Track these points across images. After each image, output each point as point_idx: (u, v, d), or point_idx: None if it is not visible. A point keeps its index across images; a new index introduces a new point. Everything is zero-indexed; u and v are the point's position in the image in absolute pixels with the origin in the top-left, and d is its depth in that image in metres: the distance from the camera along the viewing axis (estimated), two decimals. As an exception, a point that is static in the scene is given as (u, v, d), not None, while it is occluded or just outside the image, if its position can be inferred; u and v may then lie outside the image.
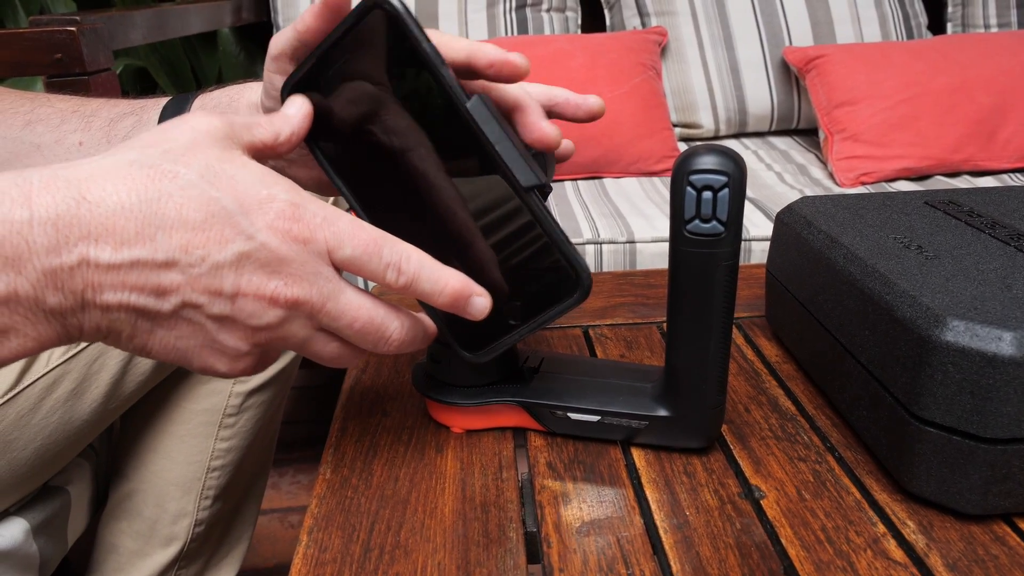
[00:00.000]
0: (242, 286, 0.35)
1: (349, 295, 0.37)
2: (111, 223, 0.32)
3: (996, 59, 1.57)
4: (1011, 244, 0.50)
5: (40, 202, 0.31)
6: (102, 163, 0.34)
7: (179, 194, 0.33)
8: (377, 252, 0.37)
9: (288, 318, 0.36)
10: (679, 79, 1.77)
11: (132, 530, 0.78)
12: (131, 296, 0.33)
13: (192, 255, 0.34)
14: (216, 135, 0.36)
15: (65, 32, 1.07)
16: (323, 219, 0.36)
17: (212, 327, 0.36)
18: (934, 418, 0.41)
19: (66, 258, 0.32)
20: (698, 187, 0.41)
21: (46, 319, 0.32)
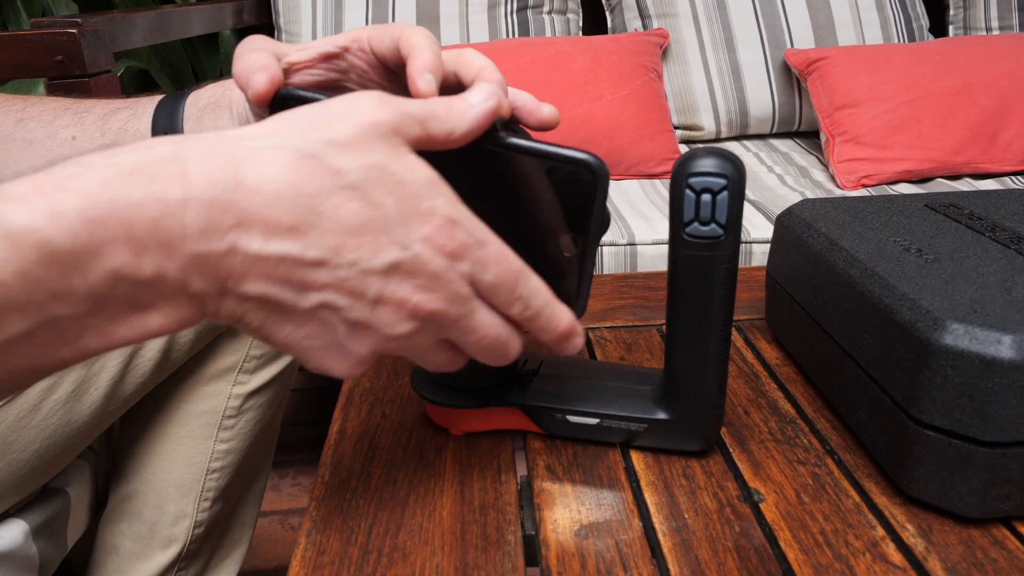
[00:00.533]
0: (386, 295, 0.34)
1: (483, 314, 0.37)
2: (265, 213, 0.31)
3: (998, 62, 1.57)
4: (1011, 247, 0.50)
5: (196, 182, 0.30)
6: (262, 143, 0.32)
7: (339, 194, 0.32)
8: (514, 284, 0.37)
9: (420, 330, 0.36)
10: (680, 81, 1.77)
11: (132, 531, 0.78)
12: (272, 288, 0.32)
13: (343, 257, 0.33)
14: (383, 130, 0.34)
15: (66, 34, 1.07)
16: (475, 241, 0.35)
17: (344, 330, 0.35)
18: (933, 421, 0.41)
19: (216, 245, 0.31)
20: (697, 190, 0.41)
21: (187, 302, 0.32)
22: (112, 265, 0.29)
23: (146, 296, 0.31)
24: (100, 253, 0.29)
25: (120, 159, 0.30)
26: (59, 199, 0.28)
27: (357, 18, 1.73)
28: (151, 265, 0.30)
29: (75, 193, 0.28)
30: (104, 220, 0.28)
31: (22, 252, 0.27)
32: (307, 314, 0.34)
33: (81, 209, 0.28)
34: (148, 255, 0.30)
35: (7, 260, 0.27)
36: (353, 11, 1.73)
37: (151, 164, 0.30)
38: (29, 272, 0.27)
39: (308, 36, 1.74)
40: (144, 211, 0.29)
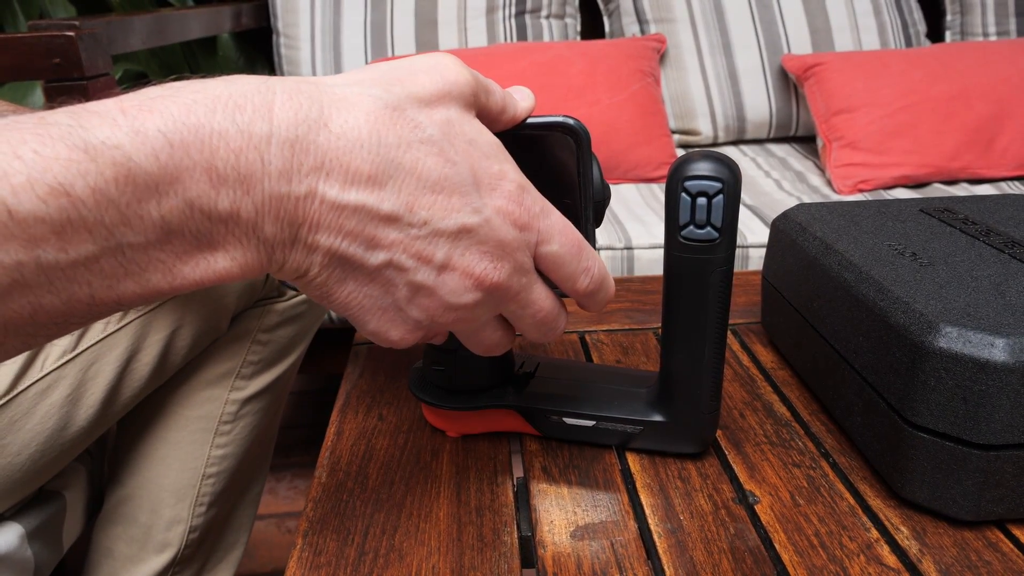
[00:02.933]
0: (454, 259, 0.33)
1: (540, 288, 0.37)
2: (347, 159, 0.31)
3: (994, 67, 1.58)
4: (1005, 252, 0.50)
5: (282, 117, 0.30)
6: (347, 90, 0.32)
7: (418, 147, 0.32)
8: (579, 254, 0.37)
9: (482, 302, 0.35)
10: (678, 86, 1.77)
11: (127, 535, 0.78)
12: (343, 242, 0.32)
13: (416, 215, 0.32)
14: (463, 90, 0.34)
15: (64, 37, 1.07)
16: (541, 209, 0.36)
17: (406, 293, 0.34)
18: (927, 424, 0.41)
19: (296, 187, 0.30)
20: (692, 193, 0.41)
21: (257, 246, 0.31)
22: (189, 195, 0.28)
23: (218, 234, 0.30)
24: (179, 179, 0.28)
25: (208, 86, 0.29)
26: (143, 118, 0.27)
27: (355, 22, 1.73)
28: (228, 200, 0.29)
29: (160, 114, 0.28)
30: (186, 145, 0.28)
31: (99, 168, 0.26)
32: (372, 273, 0.33)
33: (165, 131, 0.27)
34: (226, 189, 0.29)
35: (83, 175, 0.26)
36: (351, 15, 1.74)
37: (238, 94, 0.29)
38: (104, 190, 0.26)
39: (306, 40, 1.74)
40: (227, 141, 0.28)
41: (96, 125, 0.27)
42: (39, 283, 0.27)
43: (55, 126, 0.26)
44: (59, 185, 0.25)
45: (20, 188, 0.25)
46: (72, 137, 0.26)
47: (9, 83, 1.62)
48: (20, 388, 0.62)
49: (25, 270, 0.26)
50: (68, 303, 0.28)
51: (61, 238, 0.26)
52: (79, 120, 0.27)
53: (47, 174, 0.25)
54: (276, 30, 1.77)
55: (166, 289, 0.30)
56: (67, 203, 0.26)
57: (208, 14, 1.60)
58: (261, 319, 0.80)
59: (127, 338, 0.68)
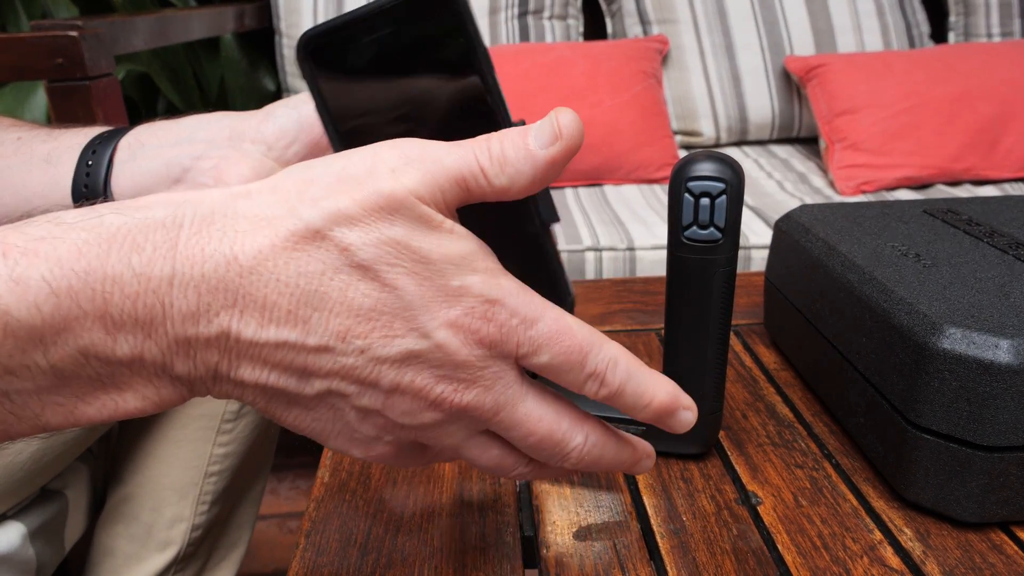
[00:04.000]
0: (402, 384, 0.29)
1: (529, 405, 0.31)
2: (261, 294, 0.27)
3: (998, 68, 1.58)
4: (1009, 253, 0.50)
5: (186, 254, 0.27)
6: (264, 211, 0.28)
7: (347, 273, 0.28)
8: (581, 361, 0.31)
9: (447, 421, 0.31)
10: (680, 87, 1.77)
11: (128, 534, 0.78)
12: (271, 375, 0.29)
13: (350, 344, 0.28)
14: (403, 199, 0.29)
15: (67, 37, 1.07)
16: (520, 321, 0.30)
17: (354, 417, 0.31)
18: (931, 425, 0.41)
19: (204, 329, 0.27)
20: (696, 194, 0.41)
21: (171, 383, 0.28)
22: (81, 343, 0.26)
23: (121, 376, 0.27)
24: (68, 328, 0.25)
25: (104, 221, 0.27)
26: (25, 263, 0.25)
27: (358, 23, 1.73)
28: (127, 345, 0.27)
29: (45, 259, 0.25)
30: (74, 293, 0.25)
31: None
32: (313, 400, 0.30)
33: (50, 279, 0.25)
34: (124, 334, 0.26)
35: None
36: (354, 16, 1.74)
37: (138, 230, 0.27)
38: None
39: (309, 40, 1.74)
40: (122, 287, 0.26)
41: None
42: None
43: None
44: None
45: None
46: None
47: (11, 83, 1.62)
48: (22, 387, 0.62)
49: None
50: None
51: None
52: None
53: None
54: (278, 31, 1.77)
55: (68, 426, 0.28)
56: None
57: (211, 15, 1.60)
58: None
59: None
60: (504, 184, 0.30)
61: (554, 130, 0.31)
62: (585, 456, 0.33)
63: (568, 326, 0.31)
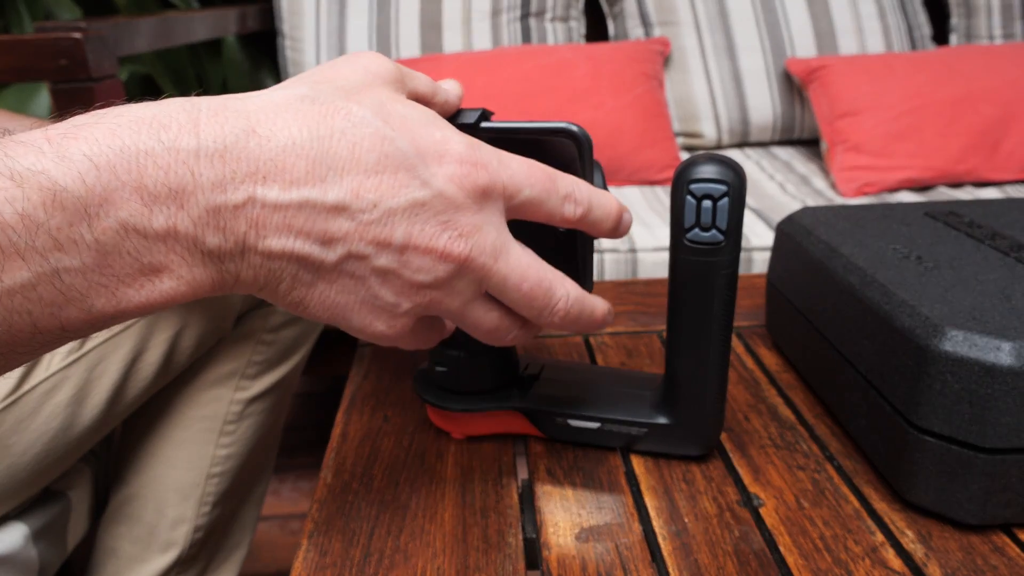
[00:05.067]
0: (413, 237, 0.33)
1: (518, 251, 0.36)
2: (281, 160, 0.30)
3: (1000, 70, 1.58)
4: (1011, 255, 0.50)
5: (208, 131, 0.30)
6: (272, 96, 0.32)
7: (352, 131, 0.32)
8: (554, 187, 0.36)
9: (455, 275, 0.34)
10: (682, 89, 1.77)
11: (131, 535, 0.78)
12: (296, 242, 0.31)
13: (363, 200, 0.32)
14: (387, 77, 0.35)
15: (70, 39, 1.07)
16: (499, 162, 0.35)
17: (374, 281, 0.34)
18: (933, 427, 0.41)
19: (232, 195, 0.30)
20: (698, 196, 0.41)
21: (203, 261, 0.30)
22: (121, 215, 0.28)
23: (158, 253, 0.29)
24: (108, 200, 0.28)
25: (133, 109, 0.30)
26: (67, 144, 0.27)
27: (360, 25, 1.74)
28: (162, 217, 0.29)
29: (84, 140, 0.28)
30: (113, 167, 0.28)
31: (26, 193, 0.26)
32: (335, 268, 0.33)
33: (90, 154, 0.27)
34: (159, 206, 0.29)
35: (10, 200, 0.26)
36: (356, 18, 1.74)
37: (162, 115, 0.29)
38: (32, 215, 0.26)
39: (311, 42, 1.74)
40: (154, 159, 0.28)
41: (21, 154, 0.27)
42: None
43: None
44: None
45: None
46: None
47: (15, 84, 1.63)
48: (26, 388, 0.62)
49: None
50: (9, 332, 0.27)
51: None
52: (5, 150, 0.27)
53: None
54: (281, 33, 1.78)
55: (112, 313, 0.29)
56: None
57: (213, 17, 1.60)
58: (266, 319, 0.80)
59: (132, 338, 0.68)
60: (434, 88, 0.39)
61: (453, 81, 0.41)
62: (571, 309, 0.38)
63: (531, 162, 0.36)
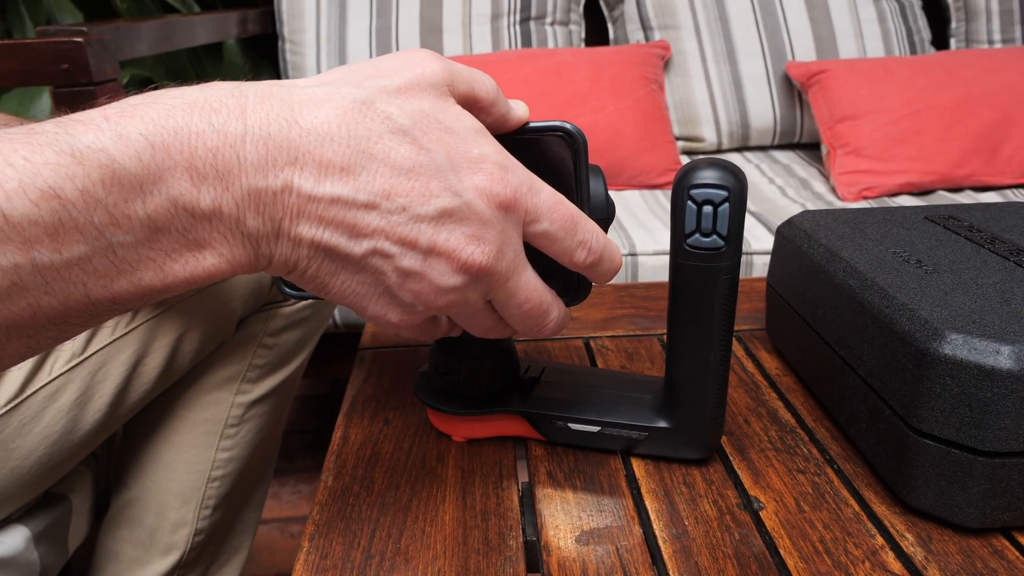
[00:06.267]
0: (438, 243, 0.34)
1: (528, 274, 0.37)
2: (319, 152, 0.32)
3: (1000, 75, 1.58)
4: (1010, 259, 0.50)
5: (254, 118, 0.31)
6: (316, 90, 0.33)
7: (389, 137, 0.33)
8: (573, 229, 0.37)
9: (471, 283, 0.36)
10: (682, 93, 1.78)
11: (132, 538, 0.78)
12: (325, 232, 0.33)
13: (394, 202, 0.33)
14: (435, 80, 0.35)
15: (72, 43, 1.08)
16: (528, 188, 0.36)
17: (396, 279, 0.35)
18: (932, 431, 0.41)
19: (272, 181, 0.31)
20: (699, 201, 0.41)
21: (242, 241, 0.32)
22: (172, 192, 0.29)
23: (203, 230, 0.31)
24: (161, 179, 0.29)
25: (185, 93, 0.31)
26: (125, 123, 0.29)
27: (361, 28, 1.74)
28: (209, 196, 0.30)
29: (141, 119, 0.29)
30: (167, 146, 0.29)
31: (86, 170, 0.27)
32: (359, 262, 0.34)
33: (146, 133, 0.29)
34: (207, 186, 0.30)
35: (71, 177, 0.27)
36: (357, 22, 1.74)
37: (213, 99, 0.31)
38: (92, 191, 0.28)
39: (312, 46, 1.75)
40: (205, 141, 0.30)
41: (81, 132, 0.28)
42: (36, 284, 0.28)
43: (43, 134, 0.28)
44: (49, 188, 0.27)
45: (13, 193, 0.26)
46: (59, 143, 0.28)
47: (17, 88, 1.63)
48: (29, 392, 0.62)
49: (22, 272, 0.27)
50: (65, 303, 0.29)
51: (54, 239, 0.27)
52: (65, 128, 0.28)
53: (38, 179, 0.27)
54: (282, 36, 1.78)
55: (159, 287, 0.31)
56: (58, 205, 0.27)
57: (214, 20, 1.60)
58: (267, 323, 0.80)
59: (134, 342, 0.68)
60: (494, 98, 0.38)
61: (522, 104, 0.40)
62: (555, 326, 0.40)
63: (561, 199, 0.37)
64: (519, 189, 0.35)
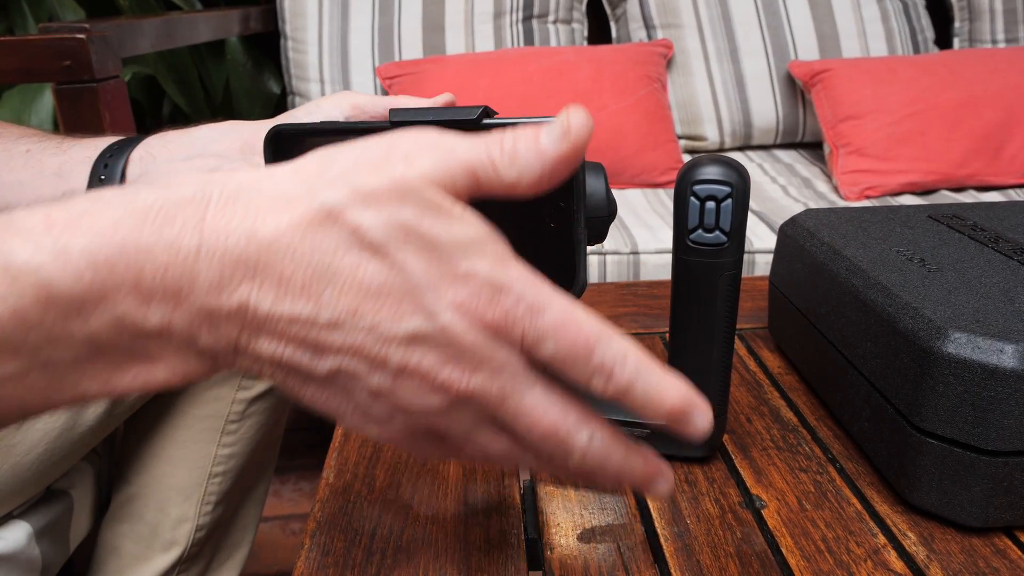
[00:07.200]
0: (410, 364, 0.30)
1: (536, 395, 0.31)
2: (278, 268, 0.29)
3: (1003, 74, 1.58)
4: (1014, 258, 0.50)
5: (212, 228, 0.28)
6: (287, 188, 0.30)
7: (357, 253, 0.29)
8: (587, 354, 0.30)
9: (455, 406, 0.31)
10: (684, 92, 1.77)
11: (133, 534, 0.78)
12: (286, 350, 0.30)
13: (361, 321, 0.29)
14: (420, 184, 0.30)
15: (74, 39, 1.08)
16: (527, 308, 0.30)
17: (366, 397, 0.31)
18: (935, 430, 0.41)
19: (226, 300, 0.28)
20: (701, 197, 0.41)
21: (197, 356, 0.30)
22: (117, 311, 0.27)
23: (152, 347, 0.29)
24: (105, 298, 0.27)
25: (140, 195, 0.29)
26: (67, 237, 0.27)
27: (363, 26, 1.74)
28: (158, 315, 0.28)
29: (85, 232, 0.27)
30: (112, 264, 0.27)
31: (20, 290, 0.26)
32: (326, 378, 0.31)
33: (90, 249, 0.27)
34: (155, 304, 0.28)
35: (3, 297, 0.25)
36: (359, 20, 1.74)
37: (170, 204, 0.28)
38: (26, 313, 0.26)
39: (314, 44, 1.74)
40: (154, 257, 0.28)
41: (18, 246, 0.26)
42: None
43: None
44: None
45: None
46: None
47: (19, 85, 1.63)
48: (29, 388, 0.62)
49: None
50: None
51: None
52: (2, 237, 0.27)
53: None
54: (284, 34, 1.78)
55: (104, 395, 0.29)
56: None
57: (216, 18, 1.60)
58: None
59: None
60: (513, 178, 0.31)
61: (563, 128, 0.31)
62: (589, 456, 0.33)
63: (576, 317, 0.30)
64: (512, 311, 0.30)
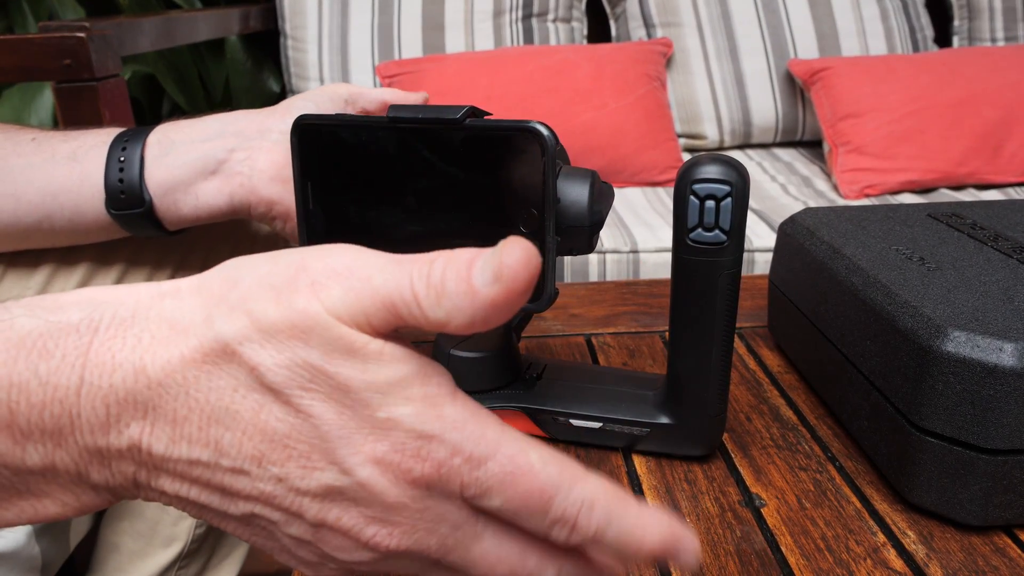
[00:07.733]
0: (328, 520, 0.26)
1: (486, 545, 0.27)
2: (171, 408, 0.25)
3: (1002, 73, 1.58)
4: (1013, 257, 0.50)
5: (96, 362, 0.25)
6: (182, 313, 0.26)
7: (257, 396, 0.25)
8: (543, 506, 0.26)
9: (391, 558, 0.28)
10: (684, 90, 1.77)
11: (133, 530, 0.78)
12: (191, 490, 0.27)
13: (266, 471, 0.26)
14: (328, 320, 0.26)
15: (74, 38, 1.08)
16: (464, 460, 0.26)
17: (289, 543, 0.28)
18: (935, 428, 0.41)
19: (115, 440, 0.25)
20: (701, 196, 0.41)
21: (92, 490, 0.27)
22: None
23: (35, 484, 0.26)
24: None
25: (15, 324, 0.26)
26: None
27: (363, 25, 1.74)
28: (37, 455, 0.25)
29: None
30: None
31: None
32: (242, 519, 0.27)
33: None
34: (32, 444, 0.25)
35: None
36: (358, 18, 1.74)
37: (49, 335, 0.26)
38: None
39: (314, 42, 1.74)
40: (28, 395, 0.25)
41: None
42: None
43: None
44: None
45: None
46: None
47: (19, 84, 1.63)
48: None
49: None
50: None
51: None
52: None
53: None
54: (284, 32, 1.78)
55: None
56: None
57: (216, 16, 1.60)
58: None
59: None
60: (441, 318, 0.26)
61: (495, 269, 0.25)
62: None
63: (528, 465, 0.26)
64: (446, 464, 0.26)
